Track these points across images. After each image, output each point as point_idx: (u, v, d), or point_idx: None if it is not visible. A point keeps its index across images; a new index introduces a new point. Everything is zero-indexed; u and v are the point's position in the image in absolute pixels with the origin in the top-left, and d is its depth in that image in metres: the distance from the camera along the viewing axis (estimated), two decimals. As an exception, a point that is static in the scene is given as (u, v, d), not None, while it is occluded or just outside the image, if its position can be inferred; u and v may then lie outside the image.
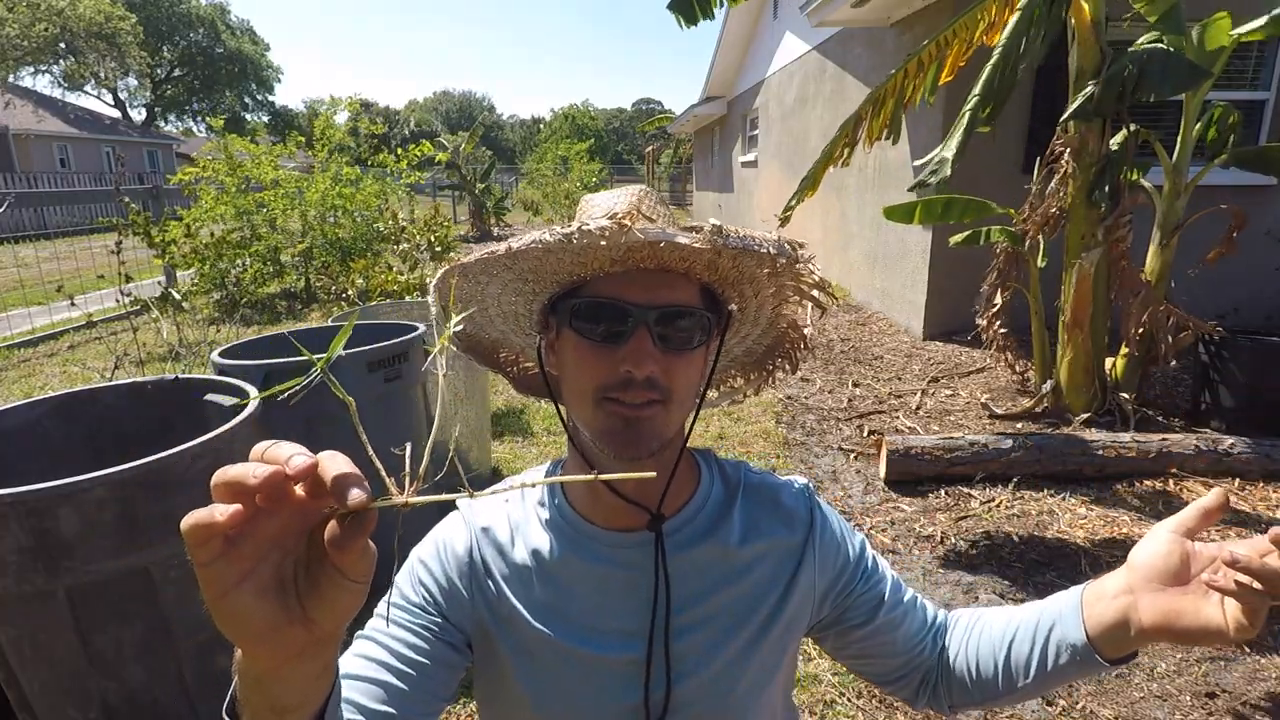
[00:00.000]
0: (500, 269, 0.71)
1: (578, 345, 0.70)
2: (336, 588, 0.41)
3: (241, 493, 0.38)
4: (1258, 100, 5.28)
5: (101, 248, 6.06)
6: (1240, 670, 2.12)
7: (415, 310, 3.63)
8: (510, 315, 0.80)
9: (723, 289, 0.75)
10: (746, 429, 4.13)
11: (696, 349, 0.71)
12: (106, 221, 6.06)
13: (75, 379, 5.25)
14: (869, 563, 0.85)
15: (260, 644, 0.42)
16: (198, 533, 0.38)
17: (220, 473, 0.39)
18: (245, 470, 0.38)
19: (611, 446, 0.69)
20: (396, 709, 0.67)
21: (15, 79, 28.90)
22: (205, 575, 0.39)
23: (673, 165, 23.46)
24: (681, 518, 0.79)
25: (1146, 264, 3.86)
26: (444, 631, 0.75)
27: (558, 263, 0.68)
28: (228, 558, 0.39)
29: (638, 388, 0.67)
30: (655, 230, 0.60)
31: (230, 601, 0.39)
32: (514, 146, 58.98)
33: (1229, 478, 3.23)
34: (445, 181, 18.00)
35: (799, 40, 9.15)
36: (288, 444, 0.41)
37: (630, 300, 0.67)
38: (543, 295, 0.74)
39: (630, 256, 0.66)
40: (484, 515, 0.81)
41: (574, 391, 0.72)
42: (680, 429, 0.75)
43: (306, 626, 0.42)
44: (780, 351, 0.88)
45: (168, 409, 2.05)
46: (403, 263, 7.27)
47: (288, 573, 0.42)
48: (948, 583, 2.57)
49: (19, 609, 1.49)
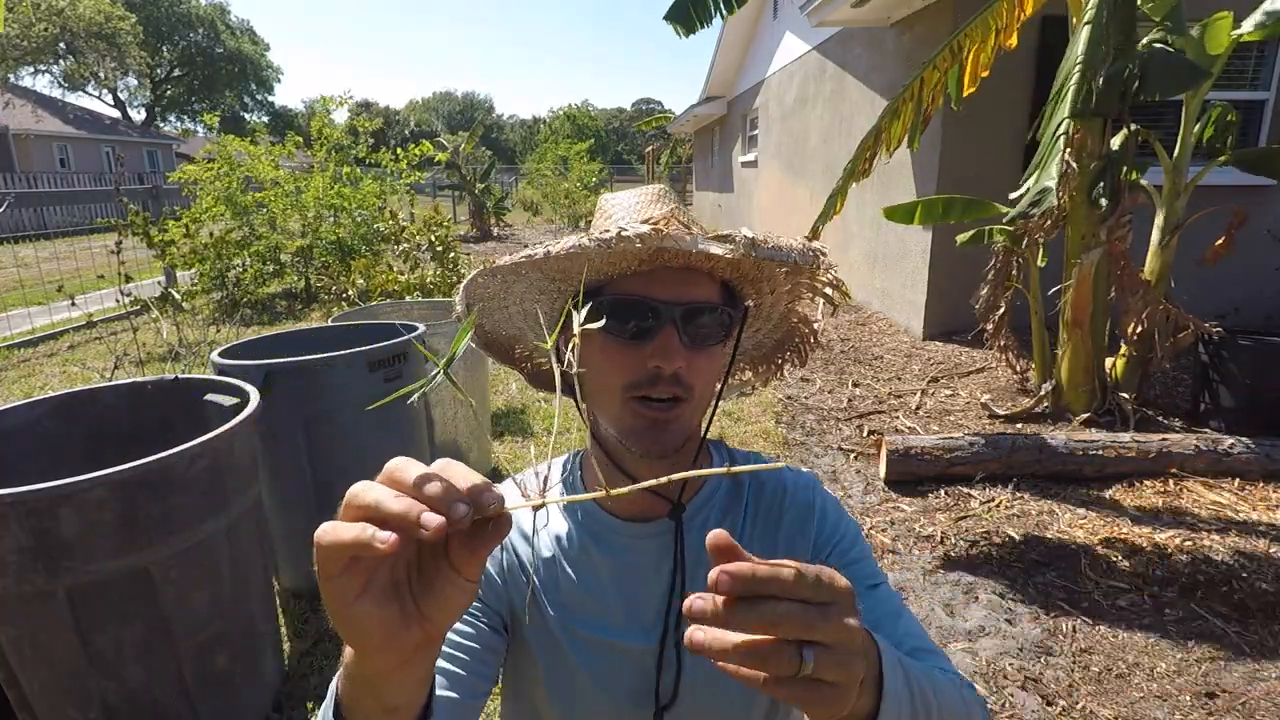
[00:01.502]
0: (530, 269, 0.73)
1: (604, 342, 0.71)
2: (452, 586, 0.42)
3: (378, 519, 0.38)
4: (1258, 100, 5.28)
5: (101, 248, 6.06)
6: (1240, 670, 2.12)
7: (415, 310, 3.63)
8: (531, 312, 0.81)
9: (741, 286, 0.76)
10: (746, 429, 4.13)
11: (719, 344, 0.74)
12: (106, 221, 6.07)
13: (75, 379, 5.25)
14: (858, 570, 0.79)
15: (381, 649, 0.42)
16: (342, 551, 0.38)
17: (362, 492, 0.40)
18: (386, 496, 0.39)
19: (638, 445, 0.71)
20: (458, 693, 0.70)
21: (15, 79, 28.89)
22: (330, 588, 0.39)
23: (671, 164, 23.46)
24: (695, 503, 0.81)
25: (1146, 264, 3.86)
26: (486, 616, 0.78)
27: (588, 263, 0.69)
28: (351, 571, 0.39)
29: (665, 383, 0.69)
30: (691, 240, 0.62)
31: (353, 612, 0.40)
32: (514, 146, 58.96)
33: (1229, 478, 3.23)
34: (445, 181, 18.00)
35: (799, 40, 9.14)
36: (413, 466, 0.41)
37: (658, 298, 0.69)
38: (569, 293, 0.76)
39: (658, 256, 0.68)
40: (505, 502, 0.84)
41: (600, 388, 0.73)
42: (700, 422, 0.78)
43: (422, 626, 0.42)
44: (789, 345, 0.90)
45: (168, 409, 2.05)
46: (403, 262, 7.27)
47: (401, 575, 0.42)
48: (948, 583, 2.57)
49: (19, 609, 1.49)
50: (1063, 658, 2.18)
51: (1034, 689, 2.06)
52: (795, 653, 0.41)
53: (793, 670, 0.41)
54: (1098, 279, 3.69)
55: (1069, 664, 2.16)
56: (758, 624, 0.40)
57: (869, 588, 0.77)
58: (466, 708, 0.71)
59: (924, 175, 5.58)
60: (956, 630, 2.32)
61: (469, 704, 0.72)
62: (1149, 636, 2.27)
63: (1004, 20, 3.41)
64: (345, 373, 2.27)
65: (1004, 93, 5.04)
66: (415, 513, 0.38)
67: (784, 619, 0.40)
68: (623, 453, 0.75)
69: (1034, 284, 4.03)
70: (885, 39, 6.26)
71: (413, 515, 0.38)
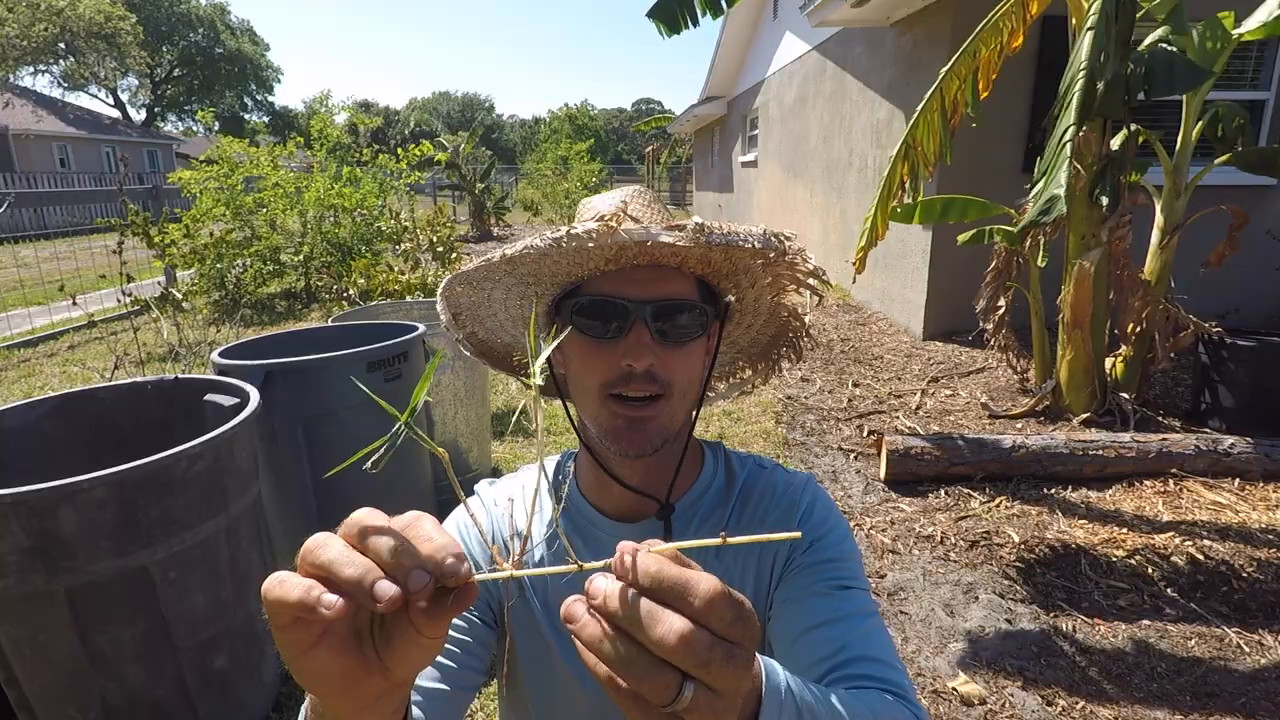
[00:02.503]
0: (502, 274, 0.73)
1: (580, 343, 0.72)
2: (413, 644, 0.39)
3: (329, 581, 0.36)
4: (1258, 100, 5.27)
5: (102, 248, 6.07)
6: (1240, 670, 2.12)
7: (415, 310, 3.63)
8: (519, 319, 0.82)
9: (717, 281, 0.76)
10: (746, 429, 4.13)
11: (694, 341, 0.73)
12: (106, 221, 6.07)
13: (75, 379, 5.25)
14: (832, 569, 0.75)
15: (339, 696, 0.40)
16: (290, 610, 0.36)
17: (317, 549, 0.37)
18: (341, 558, 0.36)
19: (616, 445, 0.72)
20: (448, 685, 0.71)
21: (15, 79, 28.87)
22: (283, 639, 0.37)
23: (670, 164, 23.46)
24: (684, 503, 0.81)
25: (1146, 264, 3.86)
26: (478, 610, 0.78)
27: (555, 265, 0.70)
28: (305, 621, 0.37)
29: (638, 381, 0.69)
30: (640, 230, 0.62)
31: (308, 660, 0.38)
32: (514, 146, 58.93)
33: (1229, 478, 3.23)
34: (445, 181, 18.00)
35: (799, 40, 9.15)
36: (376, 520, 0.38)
37: (626, 296, 0.69)
38: (545, 297, 0.77)
39: (623, 255, 0.68)
40: (502, 499, 0.85)
41: (580, 389, 0.75)
42: (685, 421, 0.77)
43: (384, 676, 0.40)
44: (784, 341, 0.90)
45: (168, 409, 2.05)
46: (404, 262, 7.27)
47: (364, 622, 0.40)
48: (948, 583, 2.57)
49: (19, 609, 1.49)
50: (1063, 658, 2.18)
51: (1034, 689, 2.06)
52: (677, 682, 0.35)
53: (665, 699, 0.35)
54: (1098, 279, 3.69)
55: (1069, 664, 2.16)
56: (650, 637, 0.34)
57: (838, 588, 0.73)
58: (457, 699, 0.72)
59: (924, 175, 5.58)
60: (956, 630, 2.32)
61: (459, 695, 0.72)
62: (1149, 636, 2.27)
63: (1014, 23, 3.41)
64: (345, 373, 2.27)
65: (1004, 92, 5.04)
66: (369, 581, 0.35)
67: (686, 645, 0.34)
68: (606, 453, 0.75)
69: (1034, 284, 4.03)
70: (885, 39, 6.25)
71: (366, 584, 0.35)
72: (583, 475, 0.84)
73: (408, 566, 0.36)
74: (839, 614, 0.70)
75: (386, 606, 0.35)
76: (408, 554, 0.36)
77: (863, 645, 0.67)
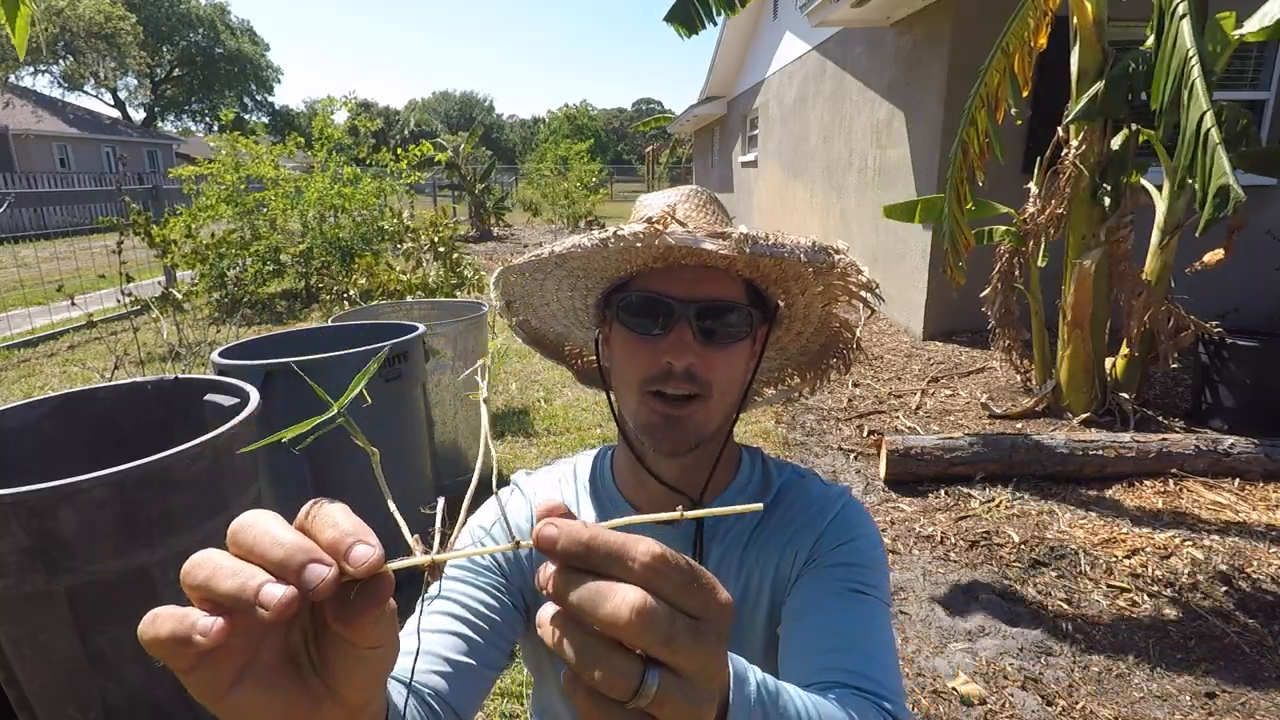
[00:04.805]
0: (552, 267, 0.75)
1: (625, 338, 0.74)
2: (349, 659, 0.33)
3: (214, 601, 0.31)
4: (1258, 100, 5.27)
5: (102, 248, 6.06)
6: (1240, 670, 2.12)
7: (416, 310, 3.63)
8: (569, 310, 0.84)
9: (766, 285, 0.76)
10: (746, 429, 4.13)
11: (737, 343, 0.74)
12: (106, 221, 6.06)
13: (75, 379, 5.25)
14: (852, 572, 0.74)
15: None
16: (167, 647, 0.30)
17: (193, 568, 0.31)
18: (219, 571, 0.31)
19: (652, 441, 0.73)
20: (475, 660, 0.70)
21: (15, 79, 28.86)
22: (193, 684, 0.31)
23: (670, 164, 23.45)
24: (716, 503, 0.82)
25: (1146, 264, 3.86)
26: (509, 594, 0.79)
27: (604, 262, 0.71)
28: (212, 659, 0.30)
29: (678, 379, 0.70)
30: (683, 235, 0.62)
31: (232, 702, 0.31)
32: (514, 146, 58.95)
33: (1229, 478, 3.23)
34: (445, 181, 18.01)
35: (799, 40, 9.14)
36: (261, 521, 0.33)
37: (672, 295, 0.70)
38: (595, 291, 0.79)
39: (671, 254, 0.69)
40: (540, 491, 0.86)
41: (622, 382, 0.76)
42: (723, 422, 0.77)
43: (338, 703, 0.34)
44: (834, 351, 0.90)
45: (168, 409, 2.05)
46: (405, 261, 7.26)
47: (297, 644, 0.34)
48: (947, 583, 2.57)
49: (19, 609, 1.49)
50: (1063, 658, 2.18)
51: (1034, 689, 2.06)
52: (638, 670, 0.30)
53: (625, 692, 0.30)
54: (1098, 279, 3.69)
55: (1069, 664, 2.16)
56: (599, 616, 0.29)
57: (853, 590, 0.71)
58: (481, 677, 0.70)
59: (924, 174, 5.58)
60: (956, 630, 2.32)
61: (485, 674, 0.70)
62: (1149, 636, 2.27)
63: (1036, 22, 3.43)
64: (345, 373, 2.27)
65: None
66: (252, 588, 0.29)
67: (642, 618, 0.29)
68: (643, 449, 0.77)
69: (1034, 284, 4.03)
70: (885, 39, 6.25)
71: (248, 592, 0.29)
72: (619, 469, 0.85)
73: (301, 562, 0.30)
74: (846, 615, 0.69)
75: (276, 614, 0.29)
76: (300, 549, 0.31)
77: (863, 652, 0.65)
